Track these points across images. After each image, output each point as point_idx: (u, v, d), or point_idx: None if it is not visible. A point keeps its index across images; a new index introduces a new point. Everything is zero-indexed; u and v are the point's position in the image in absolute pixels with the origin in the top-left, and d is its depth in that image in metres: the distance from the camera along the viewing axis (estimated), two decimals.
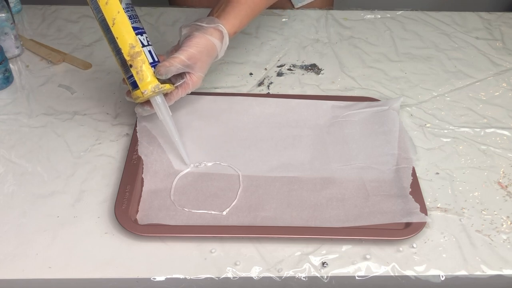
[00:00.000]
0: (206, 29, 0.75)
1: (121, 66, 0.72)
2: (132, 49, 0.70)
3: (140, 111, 0.76)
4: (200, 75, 0.75)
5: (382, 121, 0.81)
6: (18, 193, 0.71)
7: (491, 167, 0.77)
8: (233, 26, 0.78)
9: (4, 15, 0.90)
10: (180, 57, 0.72)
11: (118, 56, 0.71)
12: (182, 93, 0.75)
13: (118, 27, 0.70)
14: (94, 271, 0.62)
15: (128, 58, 0.70)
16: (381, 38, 1.04)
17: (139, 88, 0.71)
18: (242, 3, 0.79)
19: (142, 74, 0.70)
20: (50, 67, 0.93)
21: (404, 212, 0.68)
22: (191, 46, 0.73)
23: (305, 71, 0.95)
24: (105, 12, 0.69)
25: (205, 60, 0.75)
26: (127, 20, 0.70)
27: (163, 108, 0.73)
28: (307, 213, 0.69)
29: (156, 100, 0.72)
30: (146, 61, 0.71)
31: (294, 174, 0.74)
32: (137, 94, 0.71)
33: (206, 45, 0.74)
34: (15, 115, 0.83)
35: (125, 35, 0.70)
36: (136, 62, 0.70)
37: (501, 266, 0.64)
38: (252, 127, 0.81)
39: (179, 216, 0.68)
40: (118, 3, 0.70)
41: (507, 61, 0.99)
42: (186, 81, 0.74)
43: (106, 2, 0.69)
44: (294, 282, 0.63)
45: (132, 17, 0.71)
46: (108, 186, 0.72)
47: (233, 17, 0.78)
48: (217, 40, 0.76)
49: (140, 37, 0.71)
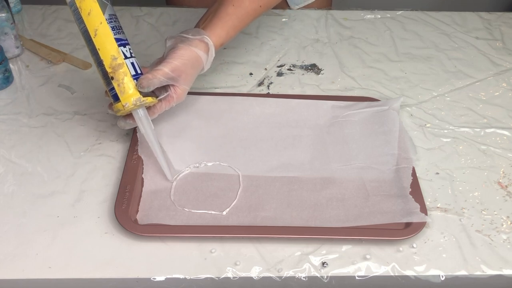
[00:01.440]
0: (191, 40, 0.73)
1: (102, 78, 0.70)
2: (114, 61, 0.68)
3: (123, 124, 0.73)
4: (184, 88, 0.73)
5: (382, 121, 0.81)
6: (18, 193, 0.71)
7: (491, 167, 0.77)
8: (219, 38, 0.76)
9: (4, 15, 0.90)
10: (163, 69, 0.70)
11: (100, 68, 0.69)
12: (166, 107, 0.73)
13: (100, 38, 0.68)
14: (94, 271, 0.62)
15: (110, 70, 0.68)
16: (381, 38, 1.04)
17: (120, 101, 0.69)
18: (230, 14, 0.77)
19: (123, 86, 0.68)
20: (50, 67, 0.93)
21: (404, 212, 0.68)
22: (175, 58, 0.71)
23: (305, 71, 0.95)
24: (87, 22, 0.68)
25: (189, 73, 0.73)
26: (109, 31, 0.68)
27: (145, 122, 0.70)
28: (307, 213, 0.69)
29: (138, 113, 0.70)
30: (128, 73, 0.69)
31: (294, 174, 0.74)
32: (118, 107, 0.69)
33: (190, 57, 0.72)
34: (15, 115, 0.83)
35: (107, 47, 0.68)
36: (118, 74, 0.68)
37: (501, 266, 0.64)
38: (252, 127, 0.81)
39: (179, 216, 0.68)
40: (101, 14, 0.68)
41: (507, 61, 0.99)
42: (170, 94, 0.72)
43: (88, 13, 0.67)
44: (294, 282, 0.63)
45: (115, 28, 0.69)
46: (108, 186, 0.72)
47: (219, 29, 0.76)
48: (202, 52, 0.74)
49: (123, 49, 0.69)
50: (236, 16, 0.78)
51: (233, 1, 0.77)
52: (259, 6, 0.80)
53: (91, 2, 0.68)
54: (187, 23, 1.06)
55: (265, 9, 0.82)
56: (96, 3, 0.68)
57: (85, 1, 0.68)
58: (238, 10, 0.78)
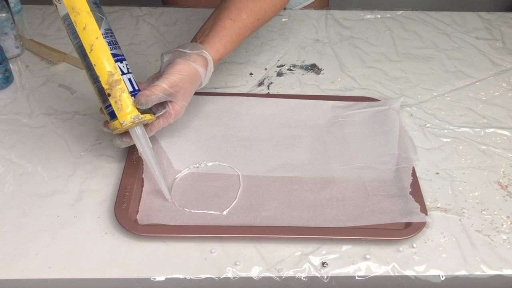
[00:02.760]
0: (189, 55, 0.72)
1: (98, 94, 0.67)
2: (110, 77, 0.66)
3: (119, 142, 0.71)
4: (183, 104, 0.71)
5: (382, 121, 0.81)
6: (18, 193, 0.71)
7: (491, 167, 0.77)
8: (217, 52, 0.75)
9: (4, 15, 0.90)
10: (161, 85, 0.68)
11: (96, 84, 0.67)
12: (164, 124, 0.71)
13: (96, 54, 0.66)
14: (94, 271, 0.62)
15: (106, 87, 0.66)
16: (381, 38, 1.04)
17: (118, 119, 0.66)
18: (227, 28, 0.76)
19: (121, 103, 0.66)
20: (50, 67, 0.93)
21: (404, 212, 0.68)
22: (173, 74, 0.69)
23: (305, 71, 0.95)
24: (82, 37, 0.65)
25: (188, 88, 0.71)
26: (106, 46, 0.66)
27: (143, 140, 0.68)
28: (307, 213, 0.69)
29: (135, 131, 0.68)
30: (126, 89, 0.67)
31: (294, 174, 0.74)
32: (115, 125, 0.67)
33: (189, 72, 0.71)
34: (15, 115, 0.83)
35: (104, 62, 0.66)
36: (115, 90, 0.66)
37: (501, 266, 0.64)
38: (252, 127, 0.81)
39: (179, 216, 0.68)
40: (96, 28, 0.66)
41: (507, 61, 0.99)
42: (168, 111, 0.70)
43: (83, 27, 0.65)
44: (294, 282, 0.63)
45: (111, 43, 0.67)
46: (108, 186, 0.72)
47: (217, 43, 0.75)
48: (200, 67, 0.72)
49: (120, 64, 0.67)
50: (234, 30, 0.76)
51: (230, 15, 0.76)
52: (256, 19, 0.79)
53: (87, 16, 0.65)
54: (187, 23, 1.06)
55: (262, 22, 0.81)
56: (92, 17, 0.66)
57: (80, 15, 0.65)
58: (236, 24, 0.76)
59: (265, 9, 0.80)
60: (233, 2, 0.78)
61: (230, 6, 0.78)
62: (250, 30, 0.79)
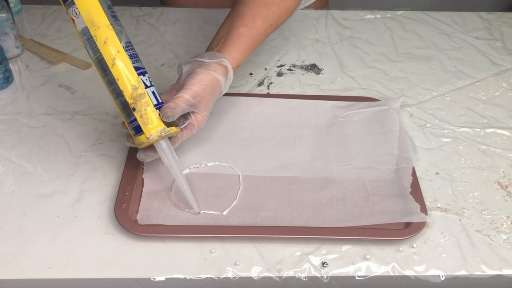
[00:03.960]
0: (208, 64, 0.71)
1: (121, 109, 0.66)
2: (135, 91, 0.64)
3: (143, 157, 0.69)
4: (205, 114, 0.70)
5: (382, 121, 0.81)
6: (18, 193, 0.71)
7: (491, 167, 0.77)
8: (235, 60, 0.74)
9: (4, 15, 0.90)
10: (184, 96, 0.67)
11: (119, 99, 0.65)
12: (187, 135, 0.70)
13: (118, 68, 0.64)
14: (94, 271, 0.62)
15: (131, 101, 0.64)
16: (381, 38, 1.04)
17: (144, 133, 0.65)
18: (243, 35, 0.75)
19: (146, 117, 0.64)
20: (50, 67, 0.93)
21: (404, 212, 0.68)
22: (194, 84, 0.69)
23: (305, 71, 0.95)
24: (103, 52, 0.64)
25: (209, 98, 0.70)
26: (128, 60, 0.64)
27: (169, 153, 0.67)
28: (308, 213, 0.69)
29: (161, 145, 0.66)
30: (151, 103, 0.65)
31: (294, 174, 0.74)
32: (141, 139, 0.65)
33: (210, 82, 0.70)
34: (15, 115, 0.83)
35: (127, 76, 0.64)
36: (140, 105, 0.64)
37: (501, 266, 0.64)
38: (252, 127, 0.81)
39: (179, 217, 0.68)
40: (117, 42, 0.64)
41: (507, 61, 0.99)
42: (191, 122, 0.69)
43: (104, 41, 0.63)
44: (294, 282, 0.63)
45: (132, 56, 0.65)
46: (108, 186, 0.72)
47: (235, 51, 0.74)
48: (220, 75, 0.72)
49: (143, 78, 0.65)
50: (249, 37, 0.76)
51: (245, 22, 0.76)
52: (270, 25, 0.79)
53: (107, 29, 0.64)
54: (187, 23, 1.06)
55: (275, 27, 0.81)
56: (112, 30, 0.64)
57: (100, 29, 0.63)
58: (251, 30, 0.76)
59: (278, 14, 0.80)
60: (246, 9, 0.78)
61: (244, 13, 0.77)
62: (264, 35, 0.79)
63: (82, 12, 0.63)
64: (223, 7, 1.11)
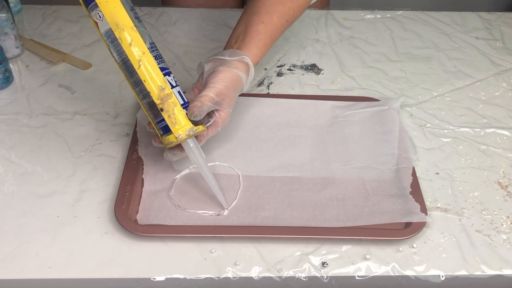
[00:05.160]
0: (230, 62, 0.72)
1: (148, 110, 0.66)
2: (162, 92, 0.65)
3: (170, 156, 0.70)
4: (228, 111, 0.71)
5: (382, 121, 0.81)
6: (18, 193, 0.71)
7: (491, 167, 0.77)
8: (255, 57, 0.75)
9: (4, 15, 0.90)
10: (209, 94, 0.68)
11: (146, 100, 0.66)
12: (212, 133, 0.71)
13: (145, 69, 0.64)
14: (94, 271, 0.62)
15: (158, 102, 0.65)
16: (381, 38, 1.04)
17: (172, 133, 0.65)
18: (261, 32, 0.76)
19: (174, 117, 0.65)
20: (50, 67, 0.93)
21: (404, 212, 0.68)
22: (218, 82, 0.69)
23: (305, 71, 0.95)
24: (129, 53, 0.64)
25: (232, 96, 0.71)
26: (153, 61, 0.65)
27: (196, 152, 0.68)
28: (308, 213, 0.69)
29: (188, 144, 0.67)
30: (178, 103, 0.66)
31: (294, 174, 0.74)
32: (169, 139, 0.66)
33: (232, 79, 0.71)
34: (15, 115, 0.83)
35: (153, 77, 0.64)
36: (168, 105, 0.65)
37: (501, 266, 0.64)
38: (252, 127, 0.81)
39: (179, 217, 0.68)
40: (143, 44, 0.64)
41: (507, 61, 0.99)
42: (216, 120, 0.70)
43: (129, 43, 0.63)
44: (294, 282, 0.63)
45: (157, 57, 0.66)
46: (108, 186, 0.72)
47: (254, 47, 0.75)
48: (242, 73, 0.72)
49: (168, 78, 0.66)
50: (267, 33, 0.77)
51: (262, 19, 0.77)
52: (286, 21, 0.79)
53: (132, 31, 0.64)
54: (187, 23, 1.06)
55: (290, 23, 0.82)
56: (137, 32, 0.64)
57: (125, 31, 0.63)
58: (269, 27, 0.77)
59: (293, 10, 0.81)
60: (262, 6, 0.78)
61: (260, 10, 0.78)
62: (281, 31, 0.80)
63: (106, 15, 0.63)
64: (223, 7, 1.11)
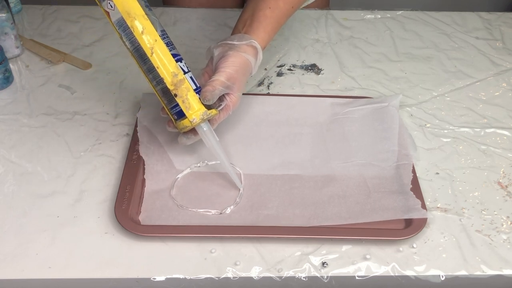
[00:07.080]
0: (239, 46, 0.73)
1: (161, 96, 0.68)
2: (175, 78, 0.66)
3: (184, 140, 0.72)
4: (238, 95, 0.72)
5: (381, 118, 0.81)
6: (18, 193, 0.71)
7: (491, 167, 0.77)
8: (263, 41, 0.76)
9: (4, 15, 0.90)
10: (220, 79, 0.69)
11: (159, 86, 0.67)
12: (224, 116, 0.72)
13: (157, 56, 0.66)
14: (94, 271, 0.62)
15: (172, 88, 0.67)
16: (381, 38, 1.04)
17: (187, 117, 0.67)
18: (268, 17, 0.77)
19: (188, 102, 0.67)
20: (50, 67, 0.93)
21: (405, 208, 0.68)
22: (228, 67, 0.71)
23: (305, 71, 0.95)
24: (141, 41, 0.65)
25: (242, 79, 0.72)
26: (165, 47, 0.66)
27: (210, 135, 0.70)
28: (310, 211, 0.69)
29: (201, 127, 0.69)
30: (191, 88, 0.67)
31: (295, 172, 0.74)
32: (184, 123, 0.68)
33: (241, 63, 0.72)
34: (15, 115, 0.83)
35: (166, 64, 0.66)
36: (181, 90, 0.67)
37: (501, 266, 0.64)
38: (253, 126, 0.81)
39: (181, 216, 0.68)
40: (154, 31, 0.66)
41: (507, 61, 0.99)
42: (227, 103, 0.71)
43: (141, 31, 0.65)
44: (294, 282, 0.63)
45: (169, 44, 0.67)
46: (108, 186, 0.72)
47: (262, 32, 0.76)
48: (251, 56, 0.74)
49: (180, 64, 0.68)
50: (274, 18, 0.78)
51: (268, 4, 0.78)
52: (291, 7, 0.81)
53: (143, 20, 0.65)
54: (187, 23, 1.06)
55: (295, 9, 0.82)
56: (148, 20, 0.65)
57: (137, 19, 0.65)
58: (275, 12, 0.78)
59: None
60: None
61: None
62: (286, 17, 0.81)
63: (117, 4, 0.64)
64: (224, 7, 1.11)
